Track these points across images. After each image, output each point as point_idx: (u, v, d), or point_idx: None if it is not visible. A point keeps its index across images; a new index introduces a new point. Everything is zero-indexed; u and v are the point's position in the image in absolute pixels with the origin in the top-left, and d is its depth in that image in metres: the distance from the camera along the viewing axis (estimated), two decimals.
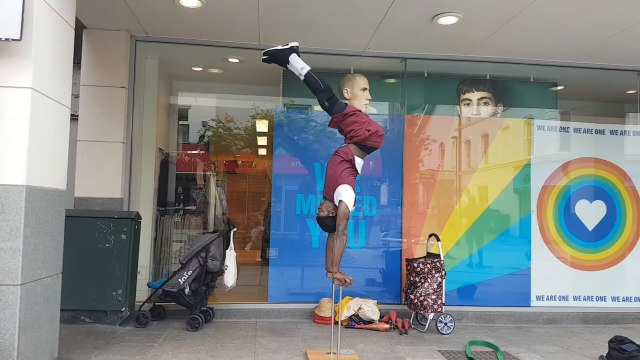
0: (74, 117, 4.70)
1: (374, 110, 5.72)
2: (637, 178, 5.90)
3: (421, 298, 4.84)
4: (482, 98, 5.81)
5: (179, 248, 6.03)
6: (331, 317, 4.22)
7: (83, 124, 5.02)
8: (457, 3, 4.31)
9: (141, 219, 4.97)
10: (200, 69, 6.26)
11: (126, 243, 4.61)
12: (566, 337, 4.89)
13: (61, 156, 3.51)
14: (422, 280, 4.88)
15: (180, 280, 4.69)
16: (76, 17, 3.76)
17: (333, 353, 3.87)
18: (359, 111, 3.95)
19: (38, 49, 3.11)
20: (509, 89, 5.85)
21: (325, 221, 3.84)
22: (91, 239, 4.57)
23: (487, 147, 5.77)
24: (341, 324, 4.59)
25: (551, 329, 5.23)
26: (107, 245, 4.58)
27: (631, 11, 4.34)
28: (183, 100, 7.00)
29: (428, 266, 4.89)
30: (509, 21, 4.63)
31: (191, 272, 4.71)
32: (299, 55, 4.00)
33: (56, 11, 3.34)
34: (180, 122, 7.15)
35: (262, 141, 7.45)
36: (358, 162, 3.89)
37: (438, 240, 5.01)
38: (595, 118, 6.00)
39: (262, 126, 7.12)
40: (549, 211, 5.72)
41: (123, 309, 4.59)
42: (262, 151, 7.53)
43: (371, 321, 4.95)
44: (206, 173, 7.12)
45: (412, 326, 5.02)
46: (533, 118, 5.79)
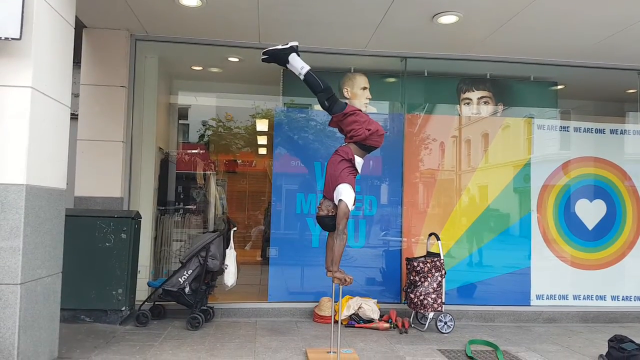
0: (74, 117, 4.70)
1: (374, 109, 5.72)
2: (637, 177, 5.90)
3: (421, 297, 4.84)
4: (482, 97, 5.81)
5: (179, 247, 6.03)
6: (331, 316, 4.21)
7: (83, 123, 5.02)
8: (457, 2, 4.31)
9: (141, 218, 4.97)
10: (200, 68, 6.26)
11: (126, 242, 4.61)
12: (566, 336, 4.90)
13: (61, 155, 3.51)
14: (422, 279, 4.88)
15: (180, 279, 4.69)
16: (76, 16, 3.76)
17: (333, 352, 3.88)
18: (359, 110, 3.94)
19: (38, 48, 3.11)
20: (509, 88, 5.85)
21: (325, 220, 3.84)
22: (91, 238, 4.57)
23: (487, 147, 5.77)
24: (341, 323, 4.59)
25: (551, 328, 5.23)
26: (107, 244, 4.59)
27: (631, 10, 4.34)
28: (183, 99, 6.99)
29: (428, 265, 4.89)
30: (509, 20, 4.63)
31: (191, 272, 4.72)
32: (299, 54, 3.99)
33: (56, 10, 3.34)
34: (180, 122, 7.15)
35: (262, 140, 7.44)
36: (358, 162, 3.89)
37: (438, 239, 5.01)
38: (595, 117, 6.00)
39: (262, 125, 7.11)
40: (549, 210, 5.72)
41: (123, 308, 4.59)
42: (262, 150, 7.53)
43: (371, 320, 4.95)
44: (206, 172, 7.12)
45: (412, 325, 5.02)
46: (533, 117, 5.79)
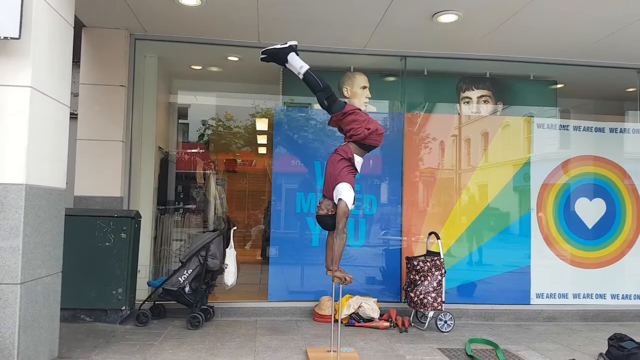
0: (74, 116, 4.70)
1: (374, 108, 5.72)
2: (637, 176, 5.90)
3: (421, 296, 4.84)
4: (482, 96, 5.80)
5: (179, 247, 6.03)
6: (331, 315, 4.21)
7: (82, 123, 5.02)
8: (457, 1, 4.31)
9: (141, 218, 4.97)
10: (199, 68, 6.25)
11: (126, 242, 4.61)
12: (566, 335, 4.90)
13: (61, 155, 3.51)
14: (422, 278, 4.88)
15: (180, 278, 4.69)
16: (75, 16, 3.76)
17: (333, 351, 3.88)
18: (359, 110, 3.93)
19: (37, 48, 3.11)
20: (509, 87, 5.84)
21: (324, 219, 3.84)
22: (91, 238, 4.57)
23: (487, 145, 5.76)
24: (341, 322, 4.59)
25: (551, 327, 5.23)
26: (107, 244, 4.58)
27: (631, 9, 4.34)
28: (183, 98, 6.99)
29: (428, 264, 4.89)
30: (509, 19, 4.63)
31: (191, 271, 4.72)
32: (298, 54, 3.98)
33: (55, 10, 3.33)
34: (180, 121, 7.14)
35: (262, 140, 7.43)
36: (357, 161, 3.88)
37: (438, 238, 5.01)
38: (595, 116, 6.00)
39: (262, 125, 7.11)
40: (549, 209, 5.72)
41: (123, 308, 4.59)
42: (262, 150, 7.52)
43: (371, 319, 4.95)
44: (206, 172, 7.11)
45: (412, 324, 5.03)
46: (533, 116, 5.79)
